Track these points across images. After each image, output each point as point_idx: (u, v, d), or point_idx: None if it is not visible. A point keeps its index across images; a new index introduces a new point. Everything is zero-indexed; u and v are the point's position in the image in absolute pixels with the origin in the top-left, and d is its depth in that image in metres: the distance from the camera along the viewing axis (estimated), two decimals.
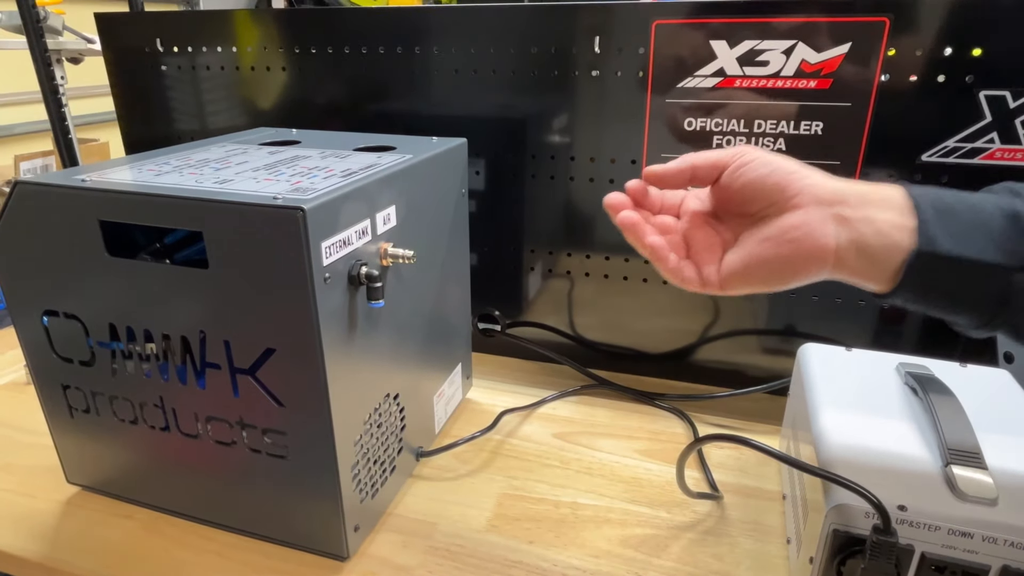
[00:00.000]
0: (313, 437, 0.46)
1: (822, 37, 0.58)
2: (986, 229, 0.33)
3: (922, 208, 0.33)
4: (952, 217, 0.33)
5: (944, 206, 0.33)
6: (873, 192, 0.35)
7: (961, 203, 0.34)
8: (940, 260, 0.32)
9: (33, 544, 0.52)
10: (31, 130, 2.47)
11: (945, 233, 0.33)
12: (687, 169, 0.39)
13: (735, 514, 0.55)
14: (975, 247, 0.32)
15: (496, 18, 0.67)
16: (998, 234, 0.32)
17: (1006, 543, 0.37)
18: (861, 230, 0.34)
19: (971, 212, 0.33)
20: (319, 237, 0.41)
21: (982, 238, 0.32)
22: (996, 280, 0.32)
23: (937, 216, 0.33)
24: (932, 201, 0.34)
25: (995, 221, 0.33)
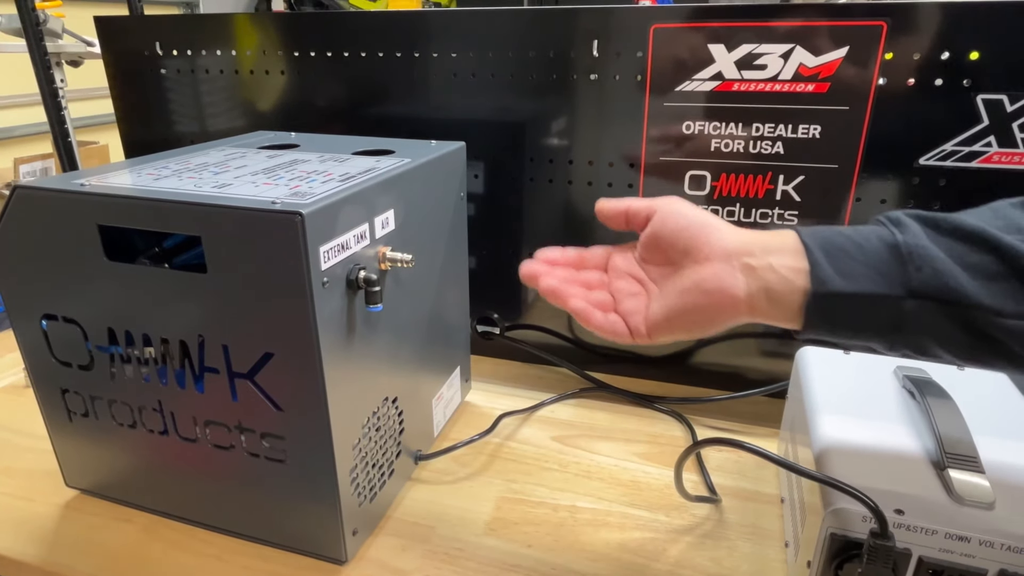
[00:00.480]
0: (312, 441, 0.46)
1: (820, 41, 0.58)
2: (871, 263, 0.35)
3: (812, 251, 0.36)
4: (841, 255, 0.36)
5: (832, 247, 0.36)
6: (772, 240, 0.38)
7: (849, 241, 0.36)
8: (834, 298, 0.35)
9: (32, 548, 0.52)
10: (30, 132, 2.47)
11: (835, 273, 0.35)
12: (623, 212, 0.43)
13: (733, 517, 0.55)
14: (863, 282, 0.35)
15: (495, 22, 0.67)
16: (883, 266, 0.35)
17: (1003, 547, 0.37)
18: (766, 277, 0.37)
19: (858, 249, 0.36)
20: (317, 242, 0.41)
21: (869, 272, 0.35)
22: (888, 309, 0.35)
23: (826, 256, 0.36)
24: (821, 243, 0.36)
25: (879, 254, 0.35)
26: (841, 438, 0.46)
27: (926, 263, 0.34)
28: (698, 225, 0.39)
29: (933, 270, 0.34)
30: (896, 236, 0.35)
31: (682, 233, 0.40)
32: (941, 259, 0.34)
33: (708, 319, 0.39)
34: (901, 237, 0.35)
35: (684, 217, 0.40)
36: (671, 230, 0.40)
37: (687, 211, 0.40)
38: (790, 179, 0.63)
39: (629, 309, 0.41)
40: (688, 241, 0.39)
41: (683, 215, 0.40)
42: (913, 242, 0.35)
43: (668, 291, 0.40)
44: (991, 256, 0.33)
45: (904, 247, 0.35)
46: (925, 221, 0.36)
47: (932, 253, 0.34)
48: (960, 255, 0.34)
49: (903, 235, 0.35)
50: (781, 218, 0.64)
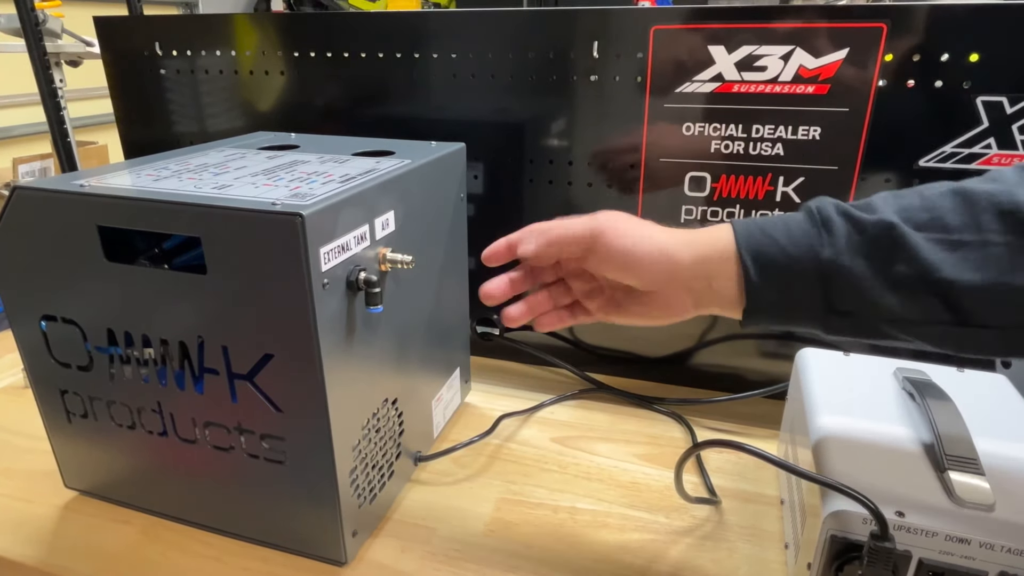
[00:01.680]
0: (311, 442, 0.46)
1: (820, 42, 0.58)
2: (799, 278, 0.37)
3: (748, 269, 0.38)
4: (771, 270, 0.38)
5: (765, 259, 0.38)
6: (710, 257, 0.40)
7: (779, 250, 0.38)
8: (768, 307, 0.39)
9: (31, 549, 0.52)
10: (29, 132, 2.47)
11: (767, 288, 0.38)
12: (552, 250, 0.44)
13: (733, 519, 0.55)
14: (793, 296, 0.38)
15: (495, 23, 0.67)
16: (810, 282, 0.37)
17: (1003, 549, 0.37)
18: (708, 296, 0.41)
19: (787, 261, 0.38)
20: (318, 243, 0.41)
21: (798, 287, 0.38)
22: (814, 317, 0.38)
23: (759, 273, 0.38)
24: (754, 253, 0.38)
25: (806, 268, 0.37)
26: (841, 440, 0.46)
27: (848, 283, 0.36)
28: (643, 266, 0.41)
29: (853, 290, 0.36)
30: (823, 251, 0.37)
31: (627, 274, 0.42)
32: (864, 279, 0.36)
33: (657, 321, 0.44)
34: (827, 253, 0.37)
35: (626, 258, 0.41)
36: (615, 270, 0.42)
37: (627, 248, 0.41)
38: (790, 181, 0.63)
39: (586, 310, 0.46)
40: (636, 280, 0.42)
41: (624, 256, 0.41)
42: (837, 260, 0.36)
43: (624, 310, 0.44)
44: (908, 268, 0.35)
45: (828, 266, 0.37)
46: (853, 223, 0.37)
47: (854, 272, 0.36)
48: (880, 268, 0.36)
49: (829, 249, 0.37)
50: None
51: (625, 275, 0.42)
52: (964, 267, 0.34)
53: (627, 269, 0.41)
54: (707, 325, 0.71)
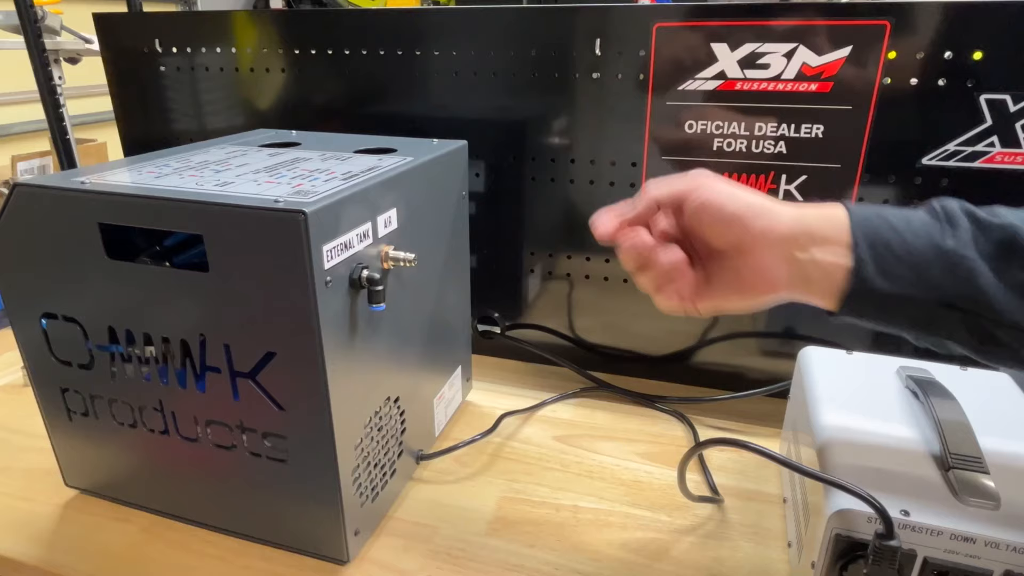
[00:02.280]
0: (314, 441, 0.45)
1: (823, 40, 0.58)
2: (916, 266, 0.36)
3: (859, 246, 0.36)
4: (887, 254, 0.36)
5: (880, 242, 0.36)
6: (820, 226, 0.37)
7: (897, 236, 0.36)
8: (873, 294, 0.36)
9: (31, 548, 0.51)
10: (28, 129, 2.46)
11: (877, 272, 0.36)
12: (652, 206, 0.42)
13: (736, 517, 0.55)
14: (904, 285, 0.36)
15: (496, 20, 0.67)
16: (925, 269, 0.35)
17: (1008, 548, 0.37)
18: (808, 270, 0.37)
19: (905, 248, 0.36)
20: (320, 240, 0.41)
21: (912, 275, 0.36)
22: (921, 311, 0.36)
23: (872, 254, 0.36)
24: (870, 238, 0.36)
25: (926, 257, 0.36)
26: (844, 438, 0.46)
27: (969, 277, 0.34)
28: (740, 214, 0.38)
29: (975, 286, 0.34)
30: (946, 239, 0.35)
31: (725, 226, 0.38)
32: (985, 275, 0.34)
33: (748, 301, 0.40)
34: (951, 242, 0.35)
35: (723, 208, 0.38)
36: (712, 221, 0.39)
37: (722, 196, 0.39)
38: (792, 179, 0.63)
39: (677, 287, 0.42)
40: (732, 233, 0.38)
41: (722, 205, 0.38)
42: (962, 252, 0.35)
43: (716, 284, 0.40)
44: None
45: (951, 256, 0.35)
46: (976, 222, 0.36)
47: (977, 268, 0.34)
48: (1006, 269, 0.34)
49: (953, 239, 0.35)
50: None
51: (719, 229, 0.39)
52: None
53: (723, 219, 0.38)
54: (709, 324, 0.71)
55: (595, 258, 0.72)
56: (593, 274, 0.73)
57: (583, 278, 0.74)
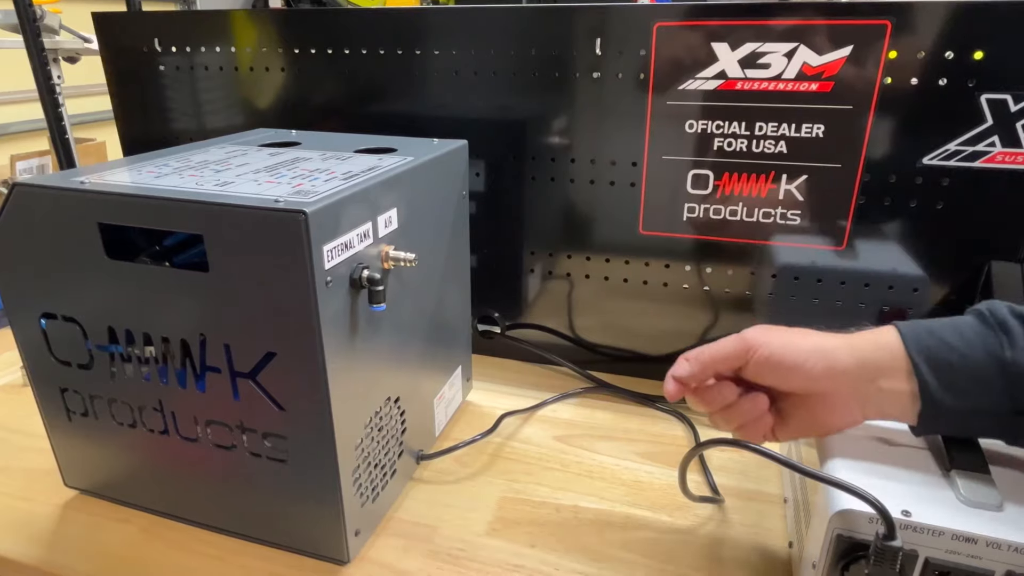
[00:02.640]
0: (314, 441, 0.45)
1: (824, 40, 0.58)
2: (980, 378, 0.36)
3: (920, 370, 0.37)
4: (948, 371, 0.37)
5: (939, 362, 0.37)
6: (879, 356, 0.39)
7: (955, 353, 0.37)
8: (945, 412, 0.37)
9: (30, 548, 0.51)
10: (27, 129, 2.46)
11: (944, 390, 0.37)
12: (707, 370, 0.44)
13: (737, 517, 0.55)
14: (972, 399, 0.37)
15: (497, 20, 0.67)
16: (992, 382, 0.36)
17: (1010, 548, 0.37)
18: (878, 402, 0.39)
19: (963, 362, 0.37)
20: (321, 240, 0.40)
21: (978, 388, 0.37)
22: (996, 421, 0.37)
23: (934, 374, 0.37)
24: (928, 359, 0.37)
25: (987, 370, 0.36)
26: (845, 438, 0.45)
27: None
28: (799, 365, 0.40)
29: None
30: (1004, 351, 0.36)
31: (787, 379, 0.41)
32: None
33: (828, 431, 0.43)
34: (1010, 353, 0.36)
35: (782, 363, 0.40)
36: (774, 377, 0.41)
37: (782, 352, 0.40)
38: (793, 178, 0.63)
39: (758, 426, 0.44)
40: (795, 383, 0.41)
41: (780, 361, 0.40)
42: (1022, 360, 0.35)
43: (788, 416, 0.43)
44: None
45: (1013, 366, 0.35)
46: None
47: None
48: None
49: (1012, 350, 0.36)
50: (784, 217, 0.64)
51: (782, 378, 0.41)
52: None
53: (783, 371, 0.41)
54: (708, 323, 0.71)
55: (595, 258, 0.72)
56: (593, 274, 0.73)
57: (583, 278, 0.74)
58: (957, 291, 0.62)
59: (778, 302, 0.68)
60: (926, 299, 0.64)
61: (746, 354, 0.42)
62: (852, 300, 0.65)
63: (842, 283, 0.65)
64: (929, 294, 0.63)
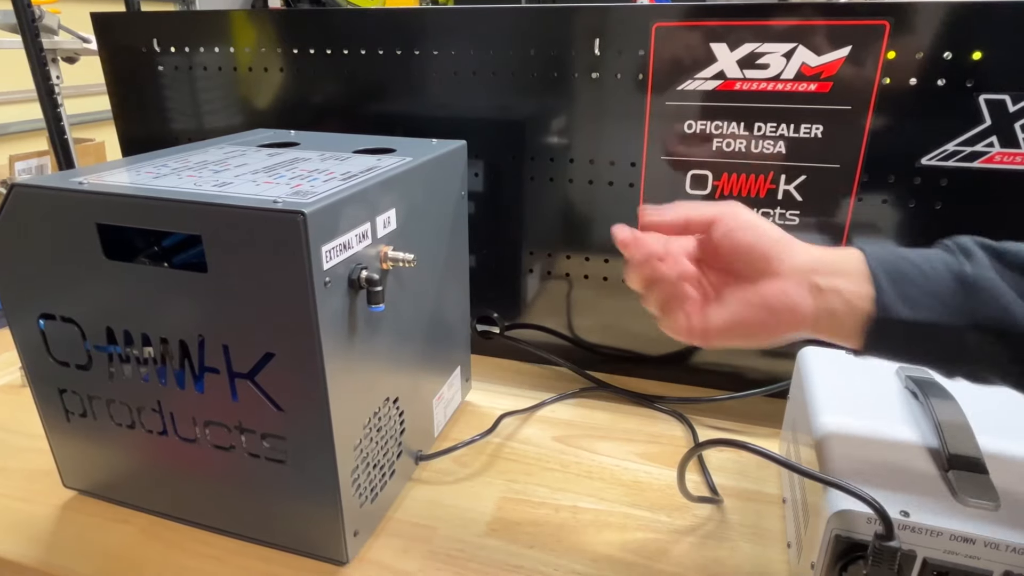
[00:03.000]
0: (313, 442, 0.45)
1: (822, 40, 0.58)
2: (937, 292, 0.35)
3: (877, 276, 0.36)
4: (905, 282, 0.36)
5: (898, 273, 0.36)
6: (840, 261, 0.38)
7: (914, 267, 0.36)
8: (896, 324, 0.36)
9: (29, 549, 0.51)
10: (25, 129, 2.46)
11: (899, 299, 0.36)
12: (682, 221, 0.42)
13: (735, 518, 0.55)
14: (927, 311, 0.35)
15: (496, 20, 0.67)
16: (948, 296, 0.35)
17: (1008, 548, 0.37)
18: (831, 300, 0.37)
19: (922, 276, 0.36)
20: (319, 241, 0.40)
21: (933, 301, 0.35)
22: (949, 338, 0.35)
23: (891, 283, 0.36)
24: (887, 268, 0.36)
25: (945, 283, 0.35)
26: (844, 438, 0.46)
27: (993, 298, 0.34)
28: (769, 241, 0.39)
29: (1000, 306, 0.34)
30: (964, 266, 0.35)
31: (752, 248, 0.39)
32: (1008, 294, 0.34)
33: (769, 332, 0.39)
34: (969, 268, 0.35)
35: (753, 231, 0.40)
36: (739, 244, 0.40)
37: (755, 224, 0.40)
38: (792, 179, 0.63)
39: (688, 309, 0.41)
40: (758, 257, 0.39)
41: (752, 229, 0.40)
42: (981, 273, 0.35)
43: (731, 301, 0.40)
44: None
45: (972, 278, 0.35)
46: (992, 252, 0.36)
47: (1000, 288, 0.34)
48: None
49: (971, 265, 0.35)
50: (783, 218, 0.64)
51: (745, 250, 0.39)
52: None
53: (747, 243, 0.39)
54: None
55: (594, 258, 0.72)
56: (592, 274, 0.73)
57: (582, 278, 0.74)
58: None
59: None
60: None
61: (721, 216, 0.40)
62: None
63: None
64: None
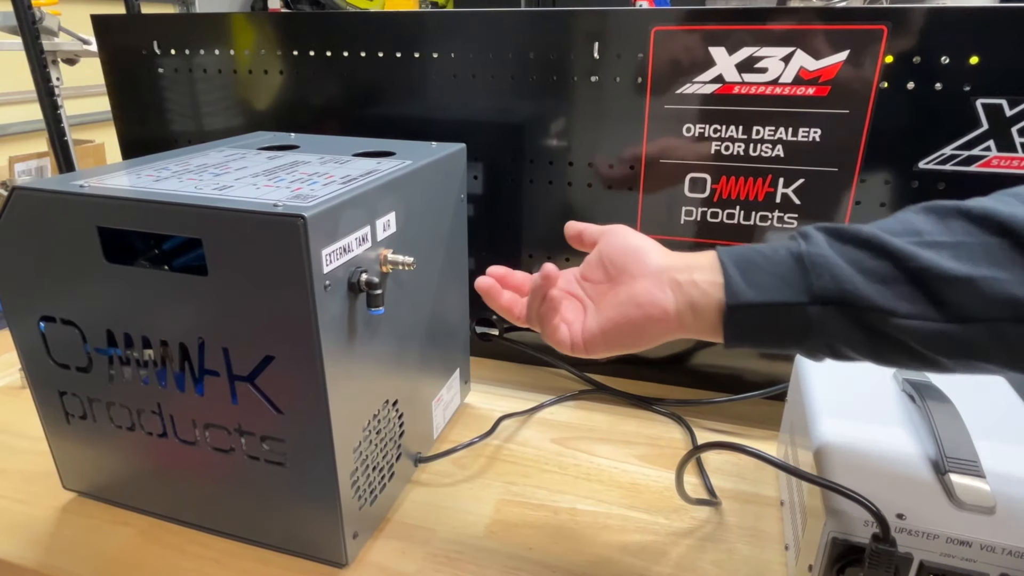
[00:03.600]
0: (312, 444, 0.46)
1: (820, 44, 0.58)
2: (778, 273, 0.38)
3: (726, 265, 0.39)
4: (752, 268, 0.39)
5: (745, 261, 0.39)
6: (696, 258, 0.41)
7: (760, 255, 0.39)
8: (746, 308, 0.38)
9: (29, 551, 0.51)
10: (24, 130, 2.45)
11: (746, 285, 0.38)
12: (576, 235, 0.48)
13: (733, 520, 0.55)
14: (770, 292, 0.37)
15: (495, 23, 0.67)
16: (789, 275, 0.37)
17: (1004, 551, 0.37)
18: (690, 292, 0.40)
19: (767, 261, 0.38)
20: (320, 245, 0.41)
21: (777, 282, 0.38)
22: (795, 316, 0.37)
23: (739, 270, 0.39)
24: (735, 259, 0.39)
25: (785, 264, 0.38)
26: (841, 441, 0.46)
27: (826, 270, 0.36)
28: (635, 247, 0.43)
29: (832, 276, 0.36)
30: (800, 246, 0.38)
31: (621, 253, 0.43)
32: (840, 266, 0.36)
33: (640, 331, 0.41)
34: (805, 247, 0.37)
35: (624, 239, 0.44)
36: (612, 250, 0.44)
37: (629, 236, 0.45)
38: (790, 182, 0.63)
39: (567, 318, 0.44)
40: (625, 260, 0.43)
41: (624, 238, 0.45)
42: (815, 251, 0.37)
43: (604, 306, 0.43)
44: (885, 261, 0.35)
45: (807, 256, 0.37)
46: (830, 232, 0.38)
47: (832, 261, 0.36)
48: (857, 261, 0.36)
49: (807, 245, 0.38)
50: (781, 221, 0.64)
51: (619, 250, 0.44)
52: (941, 257, 0.34)
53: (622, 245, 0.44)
54: None
55: None
56: None
57: None
58: None
59: None
60: None
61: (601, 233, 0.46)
62: None
63: None
64: None
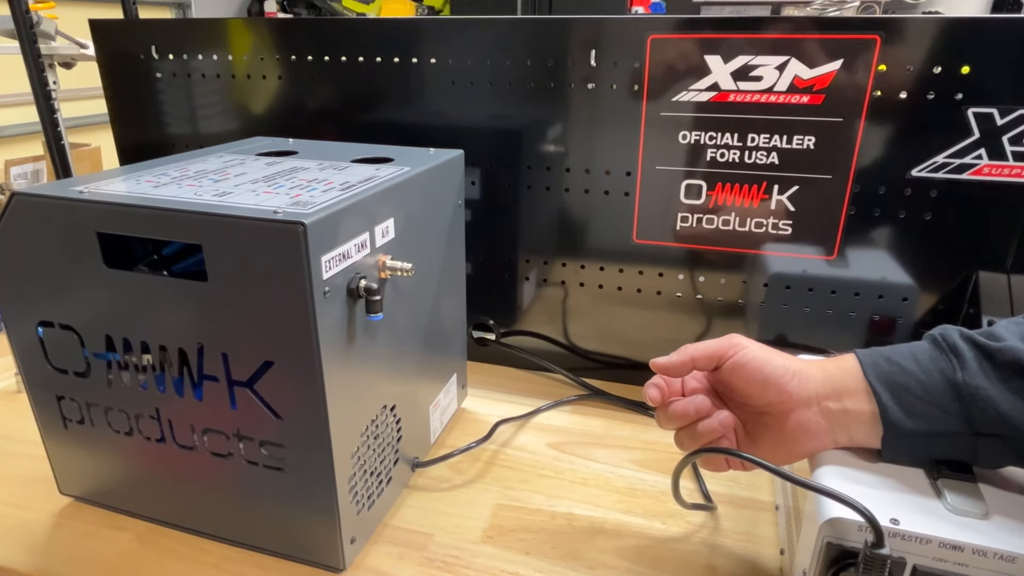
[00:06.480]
0: (311, 449, 0.46)
1: (815, 53, 0.59)
2: (936, 402, 0.38)
3: (879, 393, 0.39)
4: (905, 395, 0.38)
5: (896, 387, 0.39)
6: (842, 380, 0.41)
7: (911, 378, 0.39)
8: (907, 437, 0.39)
9: (25, 556, 0.51)
10: (21, 132, 2.44)
11: (903, 415, 0.38)
12: (688, 361, 0.45)
13: (729, 524, 0.55)
14: (931, 422, 0.38)
15: (493, 30, 0.67)
16: (947, 404, 0.38)
17: (996, 556, 0.37)
18: (843, 420, 0.41)
19: (920, 387, 0.38)
20: (319, 251, 0.41)
21: (935, 411, 0.38)
22: (959, 442, 0.38)
23: (892, 398, 0.39)
24: (885, 381, 0.39)
25: (942, 392, 0.38)
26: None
27: (989, 405, 0.36)
28: (776, 377, 0.42)
29: (996, 412, 0.36)
30: (956, 373, 0.37)
31: (761, 389, 0.42)
32: (1004, 400, 0.36)
33: (797, 457, 0.44)
34: (961, 376, 0.37)
35: (761, 370, 0.42)
36: (750, 382, 0.43)
37: (761, 358, 0.43)
38: (784, 189, 0.64)
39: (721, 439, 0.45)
40: (766, 395, 0.42)
41: (760, 367, 0.42)
42: (973, 383, 0.36)
43: (762, 442, 0.44)
44: None
45: (965, 388, 0.37)
46: (980, 350, 0.37)
47: (992, 395, 0.36)
48: (1019, 390, 0.36)
49: (963, 373, 0.37)
50: (776, 227, 0.65)
51: (759, 386, 0.43)
52: None
53: (761, 380, 0.42)
54: (702, 330, 0.72)
55: (590, 266, 0.73)
56: (587, 281, 0.74)
57: (577, 285, 0.74)
58: (945, 300, 0.63)
59: (770, 311, 0.68)
60: (915, 308, 0.65)
61: (728, 351, 0.43)
62: (843, 309, 0.66)
63: (833, 292, 0.66)
64: (918, 303, 0.64)
